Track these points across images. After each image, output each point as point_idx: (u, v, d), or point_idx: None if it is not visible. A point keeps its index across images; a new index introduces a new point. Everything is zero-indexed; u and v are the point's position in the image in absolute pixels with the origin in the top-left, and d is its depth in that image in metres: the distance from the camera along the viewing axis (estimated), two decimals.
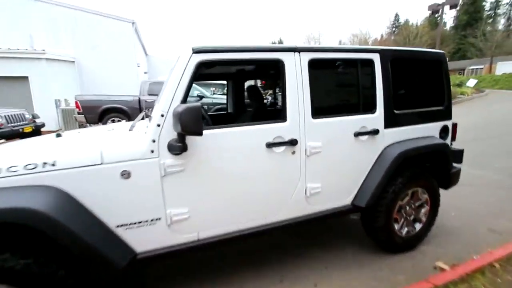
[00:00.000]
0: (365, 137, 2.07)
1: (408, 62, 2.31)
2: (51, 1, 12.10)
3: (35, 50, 10.54)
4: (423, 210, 2.46)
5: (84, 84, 12.57)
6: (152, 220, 1.55)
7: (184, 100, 1.55)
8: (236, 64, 2.46)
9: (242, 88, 3.28)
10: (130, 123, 2.15)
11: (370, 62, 2.08)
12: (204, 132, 1.56)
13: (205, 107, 8.60)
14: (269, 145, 1.75)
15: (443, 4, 17.01)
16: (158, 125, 1.52)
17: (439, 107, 2.48)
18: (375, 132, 2.09)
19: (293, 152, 1.84)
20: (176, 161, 1.55)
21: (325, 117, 1.93)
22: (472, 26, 38.16)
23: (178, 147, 1.47)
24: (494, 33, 32.82)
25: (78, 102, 7.98)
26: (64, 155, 1.44)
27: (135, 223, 1.51)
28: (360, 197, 2.12)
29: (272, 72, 2.93)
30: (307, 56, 1.85)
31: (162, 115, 1.52)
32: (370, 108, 2.11)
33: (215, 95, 9.56)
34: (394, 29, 51.08)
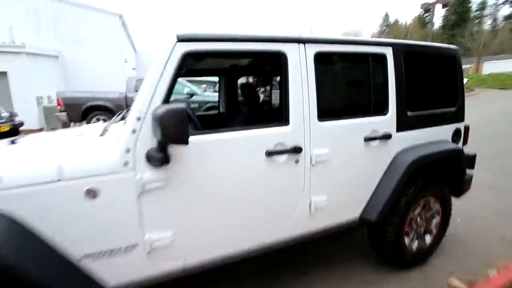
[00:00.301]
0: (376, 142, 1.83)
1: (422, 58, 2.08)
2: None
3: (14, 43, 9.92)
4: (434, 221, 2.25)
5: (69, 80, 11.97)
6: (127, 248, 1.26)
7: (166, 100, 1.26)
8: (230, 57, 2.14)
9: (235, 86, 2.99)
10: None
11: (382, 57, 1.84)
12: (191, 139, 1.28)
13: (196, 105, 8.27)
14: (270, 154, 1.48)
15: (435, 3, 17.11)
16: (134, 131, 1.22)
17: (451, 108, 2.26)
18: (387, 136, 1.85)
19: (297, 161, 1.58)
20: (157, 175, 1.26)
21: (333, 120, 1.67)
22: (460, 26, 38.89)
23: (158, 159, 1.18)
24: (481, 33, 33.55)
25: (60, 99, 7.50)
26: (13, 169, 1.13)
27: (105, 252, 1.22)
28: (370, 210, 1.88)
29: (270, 67, 2.61)
30: (313, 49, 1.58)
31: (139, 118, 1.23)
32: (381, 109, 1.87)
33: (206, 92, 9.21)
34: (384, 28, 51.55)
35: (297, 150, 1.53)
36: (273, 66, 2.50)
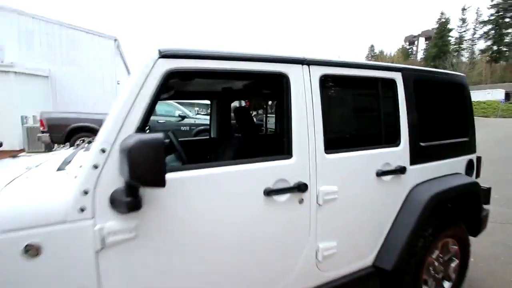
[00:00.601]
0: (388, 177, 1.60)
1: (431, 84, 1.93)
2: (27, 13, 11.46)
3: (2, 62, 9.70)
4: (452, 265, 1.97)
5: (59, 100, 11.67)
6: None
7: (141, 128, 1.01)
8: (223, 78, 1.89)
9: (228, 109, 2.78)
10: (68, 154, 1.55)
11: (392, 83, 1.66)
12: (172, 176, 1.01)
13: (187, 128, 8.02)
14: (269, 193, 1.22)
15: (418, 36, 18.15)
16: (96, 167, 0.95)
17: (464, 138, 2.09)
18: (401, 170, 1.62)
19: (301, 201, 1.31)
20: (123, 225, 0.97)
21: (342, 152, 1.44)
22: (440, 58, 41.29)
23: (125, 203, 0.90)
24: (461, 64, 35.67)
25: (43, 120, 7.15)
26: None
27: None
28: (385, 256, 1.60)
29: (269, 90, 2.39)
30: (318, 71, 1.39)
31: (103, 151, 0.96)
32: (393, 139, 1.66)
33: (198, 115, 9.04)
34: (370, 58, 54.28)
35: (301, 187, 1.27)
36: (273, 90, 2.28)
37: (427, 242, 1.71)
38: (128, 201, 0.90)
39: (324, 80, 1.40)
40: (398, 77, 1.69)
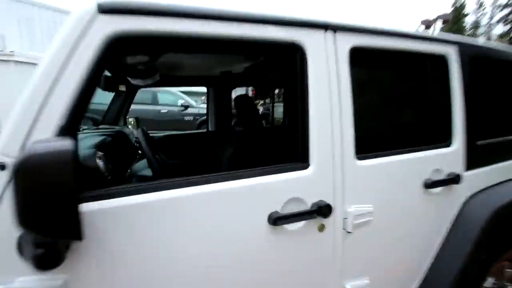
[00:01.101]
0: (438, 189, 1.18)
1: (493, 65, 1.47)
2: (28, 1, 11.13)
3: (1, 51, 9.46)
4: None
5: None
6: None
7: (69, 126, 0.63)
8: (207, 48, 1.27)
9: (228, 98, 2.37)
10: None
11: (443, 61, 1.22)
12: (128, 201, 0.64)
13: (191, 118, 7.62)
14: (276, 220, 0.83)
15: (435, 19, 17.06)
16: None
17: None
18: (455, 179, 1.20)
19: (322, 228, 0.92)
20: (42, 284, 0.60)
21: (379, 156, 1.03)
22: None
23: (33, 258, 0.53)
24: None
25: None
26: None
27: None
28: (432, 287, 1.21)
29: (275, 71, 1.89)
30: (348, 41, 0.96)
31: (3, 167, 0.58)
32: (443, 137, 1.24)
33: (204, 105, 8.64)
34: None
35: (322, 210, 0.88)
36: (280, 69, 1.77)
37: (482, 268, 1.31)
38: (37, 254, 0.53)
39: (356, 54, 0.98)
40: (452, 53, 1.24)
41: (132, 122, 2.33)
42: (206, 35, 0.77)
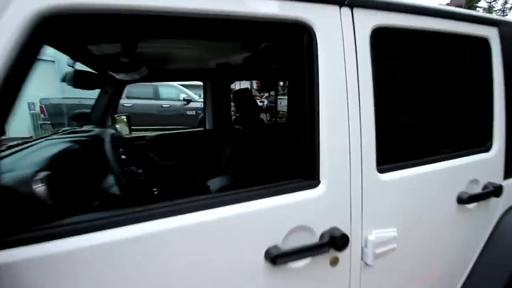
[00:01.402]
0: (474, 204, 0.97)
1: None
2: None
3: None
4: None
5: (67, 86, 11.31)
6: None
7: None
8: (196, 34, 0.98)
9: (227, 93, 2.16)
10: None
11: (483, 44, 0.99)
12: (74, 243, 0.45)
13: (193, 112, 7.44)
14: (277, 259, 0.63)
15: (449, 4, 16.44)
16: None
17: None
18: (496, 191, 0.99)
19: (335, 262, 0.73)
20: None
21: (403, 168, 0.82)
22: None
23: None
24: None
25: (43, 107, 6.79)
26: None
27: None
28: None
29: (276, 61, 1.61)
30: (369, 20, 0.75)
31: None
32: (482, 140, 1.02)
33: None
34: None
35: (336, 241, 0.68)
36: (283, 58, 1.47)
37: None
38: None
39: (380, 37, 0.76)
40: (493, 35, 1.01)
41: (124, 120, 2.12)
42: (184, 12, 0.56)
